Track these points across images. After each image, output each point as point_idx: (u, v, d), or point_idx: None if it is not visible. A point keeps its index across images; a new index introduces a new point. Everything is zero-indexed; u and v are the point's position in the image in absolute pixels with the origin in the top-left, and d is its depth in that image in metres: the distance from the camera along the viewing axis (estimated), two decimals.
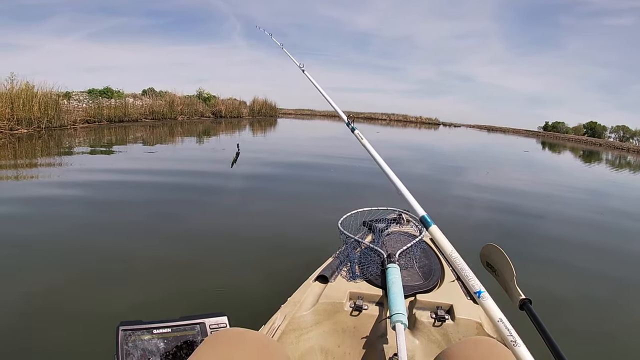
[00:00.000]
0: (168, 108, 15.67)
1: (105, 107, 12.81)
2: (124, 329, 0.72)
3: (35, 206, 3.56)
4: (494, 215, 4.48)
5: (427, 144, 16.15)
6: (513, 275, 1.09)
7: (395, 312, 1.00)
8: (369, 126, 26.38)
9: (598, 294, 2.56)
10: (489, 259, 1.26)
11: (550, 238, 3.78)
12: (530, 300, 0.98)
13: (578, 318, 2.20)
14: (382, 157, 1.63)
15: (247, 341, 0.66)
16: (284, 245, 2.90)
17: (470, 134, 28.49)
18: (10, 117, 10.01)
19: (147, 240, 2.87)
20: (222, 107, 20.72)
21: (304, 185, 5.29)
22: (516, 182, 7.13)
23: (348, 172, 6.46)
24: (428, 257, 1.52)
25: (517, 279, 1.05)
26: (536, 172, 9.70)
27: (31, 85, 10.91)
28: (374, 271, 1.34)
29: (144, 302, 1.98)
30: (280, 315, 1.14)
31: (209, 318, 0.78)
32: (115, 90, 14.69)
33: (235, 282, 2.27)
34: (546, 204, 5.46)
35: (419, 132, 25.12)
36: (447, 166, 8.87)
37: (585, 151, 21.47)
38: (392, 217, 1.91)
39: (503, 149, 17.58)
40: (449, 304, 1.16)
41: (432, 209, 1.31)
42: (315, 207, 4.12)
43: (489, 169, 8.69)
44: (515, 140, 25.54)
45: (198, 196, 4.27)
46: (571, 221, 4.56)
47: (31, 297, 1.95)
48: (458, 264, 1.00)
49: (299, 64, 2.61)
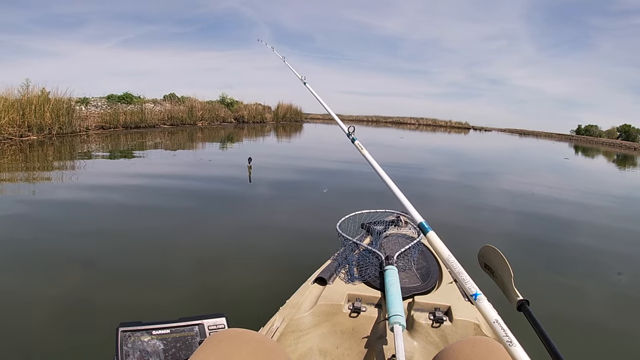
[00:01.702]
0: (188, 114, 15.01)
1: (122, 113, 12.22)
2: (124, 330, 0.72)
3: (34, 210, 3.53)
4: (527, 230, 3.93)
5: (458, 149, 14.69)
6: (511, 277, 1.04)
7: (394, 313, 1.01)
8: (396, 130, 25.17)
9: (597, 295, 2.50)
10: (487, 261, 1.17)
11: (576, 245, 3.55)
12: (528, 301, 0.94)
13: (576, 319, 2.15)
14: (389, 165, 1.53)
15: (248, 341, 0.64)
16: (283, 247, 2.85)
17: (502, 139, 26.73)
18: (21, 124, 9.57)
19: (146, 243, 2.83)
20: (245, 112, 20.01)
21: (303, 188, 5.16)
22: (565, 197, 5.90)
23: (347, 177, 6.14)
24: (426, 259, 1.51)
25: (515, 280, 0.99)
26: (586, 184, 8.25)
27: (46, 91, 10.52)
28: (372, 273, 1.32)
29: (144, 303, 1.96)
30: (279, 317, 1.13)
31: (207, 319, 0.77)
32: (135, 96, 14.20)
33: (234, 284, 2.24)
34: (583, 216, 4.74)
35: (448, 137, 23.57)
36: (483, 176, 7.63)
37: (620, 155, 19.60)
38: (390, 219, 1.89)
39: (540, 154, 15.88)
40: (447, 306, 1.16)
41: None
42: (314, 209, 3.98)
43: (529, 182, 7.38)
44: (551, 145, 23.56)
45: (197, 200, 4.14)
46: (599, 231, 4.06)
47: (31, 299, 1.93)
48: (455, 268, 0.93)
49: (301, 77, 2.61)
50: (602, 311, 2.29)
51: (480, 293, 0.91)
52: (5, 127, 9.24)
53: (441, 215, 3.99)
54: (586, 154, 18.35)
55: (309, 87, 2.54)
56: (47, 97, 10.21)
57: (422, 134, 24.75)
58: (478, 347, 0.69)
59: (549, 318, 1.72)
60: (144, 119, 12.86)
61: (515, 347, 0.74)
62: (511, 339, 0.75)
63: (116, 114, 12.03)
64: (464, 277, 0.96)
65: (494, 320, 0.82)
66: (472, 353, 0.68)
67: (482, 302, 0.88)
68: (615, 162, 15.33)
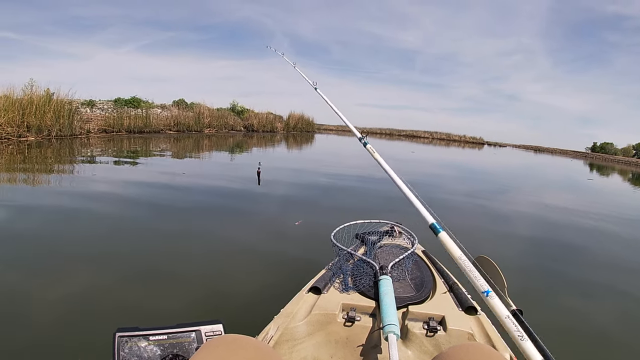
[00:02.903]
0: (195, 120, 14.51)
1: (126, 117, 11.76)
2: (121, 335, 0.72)
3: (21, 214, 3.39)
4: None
5: (474, 166, 13.87)
6: (504, 286, 1.10)
7: (388, 323, 0.99)
8: (409, 144, 24.37)
9: (591, 305, 2.48)
10: (481, 271, 1.17)
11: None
12: (522, 310, 1.01)
13: (570, 329, 2.12)
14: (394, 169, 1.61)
15: (245, 347, 0.64)
16: (278, 256, 2.83)
17: (517, 155, 25.65)
18: (20, 124, 9.15)
19: (143, 249, 2.77)
20: (255, 121, 19.50)
21: (299, 198, 5.08)
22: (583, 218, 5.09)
23: (349, 194, 5.70)
24: (420, 269, 1.50)
25: (508, 290, 1.04)
26: (610, 206, 7.36)
27: (50, 92, 10.12)
28: (367, 283, 1.31)
29: (141, 308, 1.93)
30: (273, 326, 1.12)
31: (204, 325, 0.77)
32: (142, 100, 13.77)
33: (229, 292, 2.20)
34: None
35: (462, 152, 22.69)
36: (504, 201, 6.85)
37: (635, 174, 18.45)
38: (384, 229, 1.87)
39: (561, 172, 14.89)
40: (440, 315, 1.15)
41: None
42: (309, 219, 3.83)
43: (556, 205, 6.56)
44: (568, 163, 22.41)
45: (193, 208, 4.06)
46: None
47: (30, 303, 1.90)
48: (467, 267, 1.01)
49: (312, 82, 2.62)
50: (596, 321, 2.28)
51: (490, 290, 0.95)
52: (4, 126, 8.84)
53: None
54: (604, 173, 17.18)
55: (320, 92, 2.54)
56: (49, 97, 9.80)
57: (435, 148, 23.87)
58: (472, 353, 0.67)
59: (543, 328, 1.61)
60: (149, 124, 12.37)
61: (526, 342, 0.77)
62: (522, 333, 0.78)
63: (120, 117, 11.57)
64: (475, 274, 1.02)
65: (505, 316, 0.86)
66: (467, 358, 0.65)
67: (493, 299, 0.92)
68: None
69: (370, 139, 1.82)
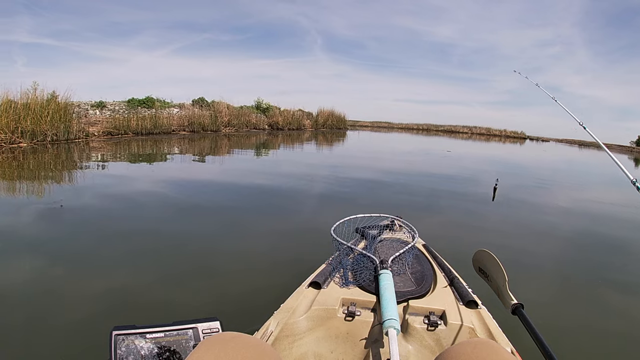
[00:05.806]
0: (211, 119, 13.18)
1: (133, 118, 10.57)
2: (118, 334, 0.70)
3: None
4: None
5: (523, 164, 11.62)
6: (505, 281, 1.04)
7: (388, 317, 0.96)
8: (448, 140, 22.07)
9: (591, 299, 2.35)
10: (481, 265, 1.18)
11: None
12: (523, 304, 0.94)
13: (570, 322, 2.01)
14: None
15: (242, 345, 0.62)
16: (277, 251, 2.71)
17: (564, 150, 22.63)
18: (14, 129, 8.14)
19: (140, 247, 2.65)
20: (280, 119, 17.99)
21: (298, 194, 4.86)
22: None
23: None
24: (420, 263, 1.46)
25: (509, 284, 0.97)
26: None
27: (56, 94, 9.08)
28: (367, 277, 1.27)
29: (137, 306, 1.85)
30: (273, 321, 1.08)
31: (201, 323, 0.75)
32: (156, 99, 12.60)
33: (228, 288, 2.11)
34: None
35: (504, 147, 20.13)
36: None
37: None
38: (384, 223, 1.83)
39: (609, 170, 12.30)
40: (441, 310, 1.12)
41: None
42: (308, 214, 3.79)
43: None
44: (620, 159, 19.31)
45: (192, 206, 3.85)
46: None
47: (26, 302, 1.83)
48: None
49: (579, 121, 2.51)
50: (597, 315, 2.14)
51: None
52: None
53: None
54: None
55: (589, 131, 2.45)
56: (49, 101, 8.74)
57: (474, 143, 21.36)
58: (479, 349, 0.64)
59: (544, 322, 1.48)
60: (158, 125, 11.13)
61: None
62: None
63: (126, 119, 10.38)
64: None
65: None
66: (474, 354, 0.63)
67: None
68: None
69: (408, 135, 1.05)
